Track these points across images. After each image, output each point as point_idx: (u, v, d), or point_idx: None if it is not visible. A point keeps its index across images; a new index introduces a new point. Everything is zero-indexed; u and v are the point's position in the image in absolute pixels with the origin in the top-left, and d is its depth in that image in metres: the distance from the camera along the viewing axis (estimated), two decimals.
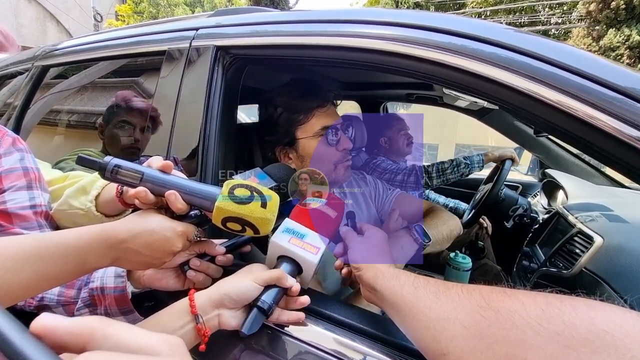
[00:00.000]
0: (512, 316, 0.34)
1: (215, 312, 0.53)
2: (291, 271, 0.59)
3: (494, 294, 0.38)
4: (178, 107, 0.80)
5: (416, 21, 0.60)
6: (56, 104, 1.29)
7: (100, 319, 0.24)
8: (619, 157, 0.46)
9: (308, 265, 0.59)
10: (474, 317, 0.37)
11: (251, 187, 0.56)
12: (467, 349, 0.36)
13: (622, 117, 0.43)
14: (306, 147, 0.94)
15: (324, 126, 0.92)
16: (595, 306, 0.31)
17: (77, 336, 0.22)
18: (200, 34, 0.84)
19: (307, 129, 0.93)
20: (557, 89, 0.47)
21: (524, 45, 0.51)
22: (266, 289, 0.56)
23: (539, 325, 0.31)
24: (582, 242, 1.02)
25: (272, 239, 0.60)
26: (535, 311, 0.33)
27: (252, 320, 0.52)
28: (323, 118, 0.93)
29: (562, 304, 0.32)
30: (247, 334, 0.50)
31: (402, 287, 0.48)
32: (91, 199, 0.71)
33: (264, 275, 0.56)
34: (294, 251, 0.59)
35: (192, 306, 0.51)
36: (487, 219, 1.86)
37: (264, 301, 0.53)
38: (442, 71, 0.57)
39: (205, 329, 0.50)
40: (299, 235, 0.61)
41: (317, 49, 0.69)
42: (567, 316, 0.30)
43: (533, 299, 0.34)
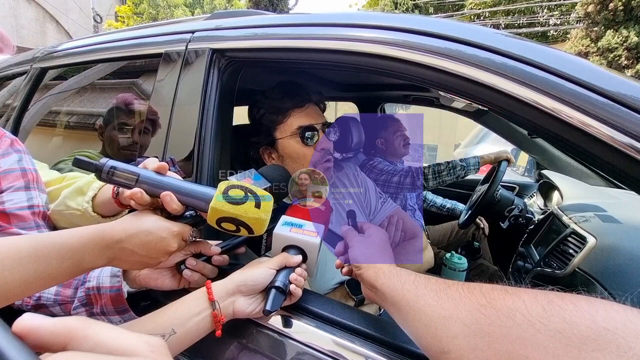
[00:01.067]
0: (513, 314, 0.34)
1: (230, 299, 0.56)
2: None
3: (495, 292, 0.38)
4: (174, 109, 0.81)
5: (412, 26, 0.61)
6: (55, 105, 1.30)
7: (82, 319, 0.24)
8: (611, 163, 0.46)
9: (312, 247, 0.63)
10: (475, 315, 0.37)
11: (245, 187, 0.57)
12: (468, 348, 0.36)
13: (613, 123, 0.44)
14: (285, 147, 0.95)
15: (300, 126, 0.93)
16: (596, 304, 0.31)
17: (58, 336, 0.22)
18: (196, 37, 0.84)
19: (284, 129, 0.94)
20: (550, 95, 0.48)
21: (518, 51, 0.51)
22: (277, 273, 0.59)
23: (540, 324, 0.31)
24: (576, 242, 1.02)
25: (275, 232, 0.64)
26: (536, 309, 0.33)
27: (272, 298, 0.55)
28: (300, 118, 0.94)
29: (564, 302, 0.32)
30: (271, 310, 0.54)
31: (403, 285, 0.48)
32: (88, 200, 0.72)
33: (274, 260, 0.61)
34: (297, 238, 0.63)
35: (209, 293, 0.55)
36: (483, 220, 1.87)
37: (279, 280, 0.58)
38: (438, 76, 0.57)
39: (220, 315, 0.53)
40: (297, 225, 0.65)
41: (313, 52, 0.70)
42: (568, 314, 0.30)
43: (534, 297, 0.34)
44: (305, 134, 0.93)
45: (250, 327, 0.60)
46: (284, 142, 0.95)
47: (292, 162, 0.95)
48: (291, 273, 0.60)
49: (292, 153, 0.95)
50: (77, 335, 0.23)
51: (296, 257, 0.62)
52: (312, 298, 0.63)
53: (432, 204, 2.09)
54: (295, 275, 0.60)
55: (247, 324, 0.60)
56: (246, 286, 0.57)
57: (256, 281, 0.57)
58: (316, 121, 0.95)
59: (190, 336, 0.52)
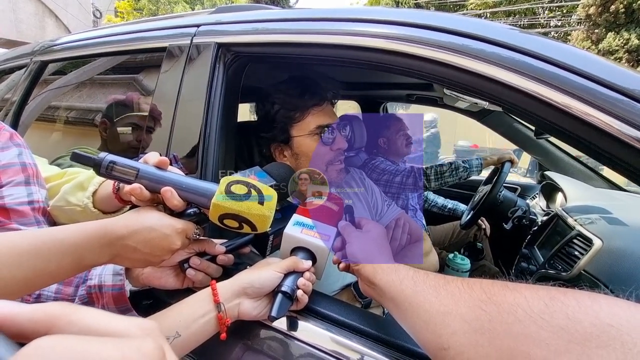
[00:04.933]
0: (514, 310, 0.33)
1: (236, 300, 0.54)
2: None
3: (496, 287, 0.37)
4: (178, 104, 0.80)
5: (417, 20, 0.60)
6: (55, 100, 1.28)
7: (65, 304, 0.22)
8: (620, 157, 0.46)
9: (322, 252, 0.62)
10: (475, 311, 0.36)
11: (249, 183, 0.55)
12: (469, 344, 0.35)
13: (623, 117, 0.43)
14: (301, 145, 0.94)
15: (319, 125, 0.92)
16: (599, 300, 0.30)
17: (37, 324, 0.21)
18: (201, 31, 0.83)
19: (302, 127, 0.92)
20: (559, 90, 0.47)
21: (526, 45, 0.51)
22: (285, 277, 0.57)
23: (543, 320, 0.31)
24: (581, 244, 1.01)
25: (285, 232, 0.62)
26: (538, 305, 0.32)
27: (279, 304, 0.53)
28: (319, 117, 0.92)
29: (566, 298, 0.31)
30: (277, 316, 0.52)
31: (402, 281, 0.47)
32: (88, 196, 0.70)
33: (283, 264, 0.58)
34: (309, 240, 0.61)
35: (214, 294, 0.53)
36: (485, 221, 1.86)
37: (286, 285, 0.56)
38: (444, 70, 0.57)
39: (226, 318, 0.52)
40: (309, 226, 0.63)
41: (320, 47, 0.69)
42: (571, 310, 0.30)
43: (536, 293, 0.33)
44: (325, 133, 0.92)
45: (256, 328, 0.59)
46: (300, 140, 0.93)
47: (306, 160, 0.93)
48: (299, 278, 0.58)
49: (308, 152, 0.93)
50: (60, 322, 0.21)
51: (306, 263, 0.60)
52: (319, 299, 0.62)
53: (434, 204, 2.08)
54: (303, 281, 0.58)
55: (252, 325, 0.58)
56: (252, 289, 0.55)
57: (263, 284, 0.56)
58: (333, 120, 0.94)
59: (195, 339, 0.51)
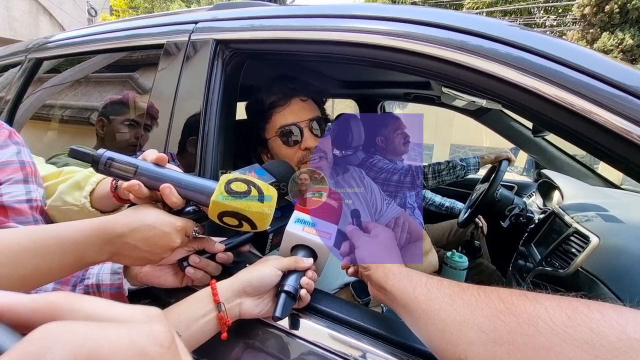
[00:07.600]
0: (535, 322, 0.32)
1: (237, 300, 0.54)
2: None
3: (514, 297, 0.36)
4: (176, 102, 0.79)
5: (415, 16, 0.60)
6: (50, 98, 1.26)
7: (67, 293, 0.22)
8: (620, 154, 0.46)
9: (323, 250, 0.61)
10: (493, 321, 0.35)
11: (249, 181, 0.55)
12: (487, 355, 0.34)
13: (623, 113, 0.43)
14: (274, 147, 0.94)
15: (281, 125, 0.90)
16: (625, 313, 0.29)
17: (38, 313, 0.20)
18: (199, 27, 0.82)
19: (270, 129, 0.93)
20: (558, 85, 0.47)
21: (525, 41, 0.51)
22: (285, 275, 0.57)
23: (565, 333, 0.30)
24: (578, 241, 1.02)
25: (287, 229, 0.61)
26: (560, 317, 0.31)
27: (282, 304, 0.53)
28: (282, 117, 0.90)
29: (590, 311, 0.30)
30: (281, 317, 0.51)
31: (415, 287, 0.47)
32: (85, 195, 0.70)
33: (283, 261, 0.58)
34: (310, 238, 0.61)
35: (214, 294, 0.52)
36: (483, 219, 1.87)
37: (289, 285, 0.55)
38: (442, 67, 0.57)
39: (226, 317, 0.51)
40: (310, 224, 0.63)
41: (320, 44, 0.69)
42: (595, 323, 0.29)
43: (557, 304, 0.32)
44: (285, 133, 0.90)
45: (257, 327, 0.59)
46: (272, 142, 0.93)
47: None
48: (302, 277, 0.58)
49: (278, 154, 0.93)
50: (62, 310, 0.20)
51: (307, 261, 0.59)
52: (320, 297, 0.61)
53: (431, 202, 2.09)
54: (306, 280, 0.58)
55: (253, 323, 0.58)
56: (251, 286, 0.55)
57: (262, 281, 0.55)
58: (300, 119, 0.90)
59: (196, 339, 0.50)
